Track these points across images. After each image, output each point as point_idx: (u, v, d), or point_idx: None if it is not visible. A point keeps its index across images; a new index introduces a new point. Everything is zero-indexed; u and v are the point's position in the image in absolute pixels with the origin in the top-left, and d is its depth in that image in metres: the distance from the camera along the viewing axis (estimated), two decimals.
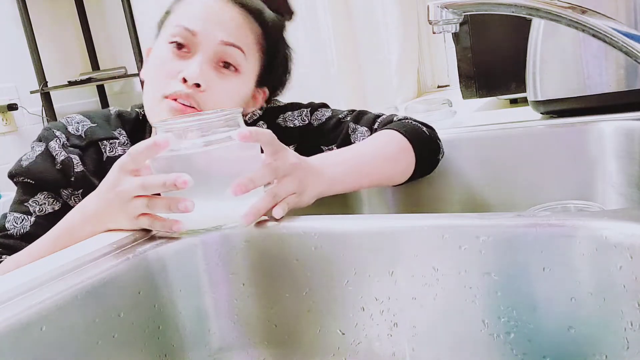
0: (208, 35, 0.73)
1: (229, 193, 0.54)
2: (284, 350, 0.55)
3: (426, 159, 0.81)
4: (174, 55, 0.74)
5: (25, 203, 0.74)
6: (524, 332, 0.45)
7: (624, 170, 0.80)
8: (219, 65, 0.75)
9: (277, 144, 0.59)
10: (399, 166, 0.77)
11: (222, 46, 0.74)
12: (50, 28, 2.68)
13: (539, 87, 0.89)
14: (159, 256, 0.53)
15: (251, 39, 0.77)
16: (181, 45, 0.74)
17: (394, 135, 0.77)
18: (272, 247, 0.55)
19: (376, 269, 0.50)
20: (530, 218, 0.46)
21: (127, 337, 0.49)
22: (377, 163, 0.74)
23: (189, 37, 0.74)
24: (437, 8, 0.64)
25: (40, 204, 0.74)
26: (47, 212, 0.74)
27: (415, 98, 1.71)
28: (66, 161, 0.74)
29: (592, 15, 0.58)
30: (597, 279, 0.42)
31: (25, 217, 0.73)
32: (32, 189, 0.75)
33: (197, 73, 0.72)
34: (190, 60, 0.73)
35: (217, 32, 0.74)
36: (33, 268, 0.50)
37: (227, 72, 0.75)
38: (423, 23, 1.75)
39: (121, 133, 0.80)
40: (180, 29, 0.74)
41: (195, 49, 0.74)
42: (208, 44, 0.73)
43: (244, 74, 0.77)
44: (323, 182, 0.65)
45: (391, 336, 0.50)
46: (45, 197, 0.75)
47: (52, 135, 0.76)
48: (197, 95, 0.72)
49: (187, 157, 0.54)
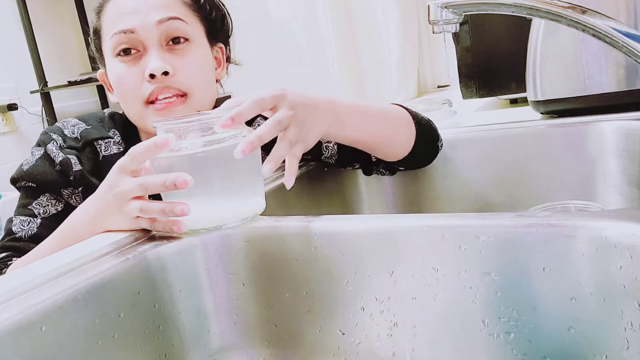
0: (145, 23, 0.74)
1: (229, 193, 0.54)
2: (284, 350, 0.55)
3: (425, 141, 0.81)
4: (129, 65, 0.75)
5: (29, 206, 0.76)
6: (524, 332, 0.45)
7: (624, 170, 0.80)
8: (170, 45, 0.75)
9: (268, 101, 0.58)
10: (401, 133, 0.78)
11: (162, 25, 0.74)
12: (50, 28, 2.68)
13: (539, 87, 0.89)
14: (158, 256, 0.53)
15: (180, 4, 0.78)
16: (128, 50, 0.75)
17: (397, 107, 0.79)
18: (272, 247, 0.55)
19: (376, 269, 0.50)
20: (530, 218, 0.46)
21: (127, 337, 0.49)
22: (381, 119, 0.75)
23: (130, 37, 0.74)
24: (437, 8, 0.64)
25: (44, 206, 0.76)
26: (51, 213, 0.76)
27: (415, 98, 1.70)
28: (64, 162, 0.76)
29: (592, 15, 0.58)
30: (597, 279, 0.42)
31: (31, 220, 0.75)
32: (34, 192, 0.77)
33: (159, 64, 0.72)
34: (145, 58, 0.74)
35: (150, 15, 0.74)
36: (33, 268, 0.50)
37: (181, 46, 0.76)
38: (423, 23, 1.75)
39: (115, 133, 0.81)
40: (118, 36, 0.74)
41: (142, 45, 0.74)
42: (149, 31, 0.74)
43: (194, 40, 0.78)
44: (327, 119, 0.65)
45: (391, 336, 0.50)
46: (48, 198, 0.77)
47: (49, 138, 0.78)
48: (172, 82, 0.74)
49: (187, 157, 0.54)
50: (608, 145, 0.81)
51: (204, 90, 0.78)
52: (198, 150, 0.54)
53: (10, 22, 2.51)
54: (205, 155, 0.54)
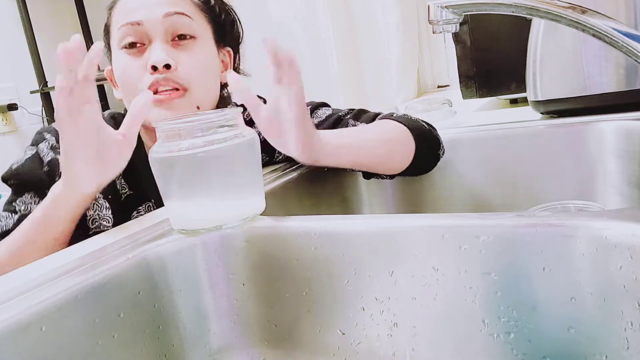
0: (151, 17, 0.74)
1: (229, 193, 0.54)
2: (284, 350, 0.55)
3: (426, 152, 0.81)
4: (133, 58, 0.75)
5: (13, 203, 0.77)
6: (524, 332, 0.45)
7: (624, 170, 0.80)
8: (175, 41, 0.76)
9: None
10: (398, 150, 0.78)
11: (168, 19, 0.75)
12: (50, 28, 2.68)
13: (539, 87, 0.89)
14: (158, 256, 0.53)
15: (188, 2, 0.78)
16: (134, 44, 0.75)
17: (395, 124, 0.78)
18: (272, 247, 0.55)
19: (376, 269, 0.50)
20: (530, 218, 0.46)
21: (127, 337, 0.49)
22: (376, 144, 0.75)
23: (136, 30, 0.74)
24: (437, 8, 0.64)
25: (27, 204, 0.77)
26: (30, 211, 0.76)
27: (415, 98, 1.71)
28: (53, 162, 0.77)
29: (592, 15, 0.58)
30: (597, 279, 0.42)
31: (9, 216, 0.76)
32: (20, 190, 0.78)
33: (162, 56, 0.73)
34: (149, 50, 0.74)
35: (157, 9, 0.74)
36: (33, 268, 0.50)
37: (186, 42, 0.76)
38: (423, 23, 1.75)
39: None
40: (126, 27, 0.75)
41: (147, 38, 0.75)
42: (155, 24, 0.74)
43: (200, 37, 0.78)
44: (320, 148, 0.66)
45: (391, 336, 0.50)
46: (32, 196, 0.77)
47: (42, 138, 0.79)
48: (173, 75, 0.74)
49: (187, 157, 0.54)
50: (608, 145, 0.81)
51: (204, 88, 0.78)
52: (198, 150, 0.54)
53: (10, 22, 2.51)
54: (205, 155, 0.54)
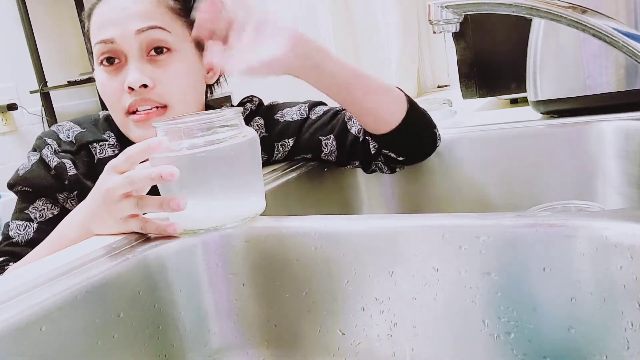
0: (124, 34, 0.72)
1: (229, 193, 0.54)
2: (284, 350, 0.55)
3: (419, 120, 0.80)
4: (111, 75, 0.75)
5: (25, 210, 0.76)
6: (524, 332, 0.45)
7: (624, 170, 0.80)
8: (151, 55, 0.74)
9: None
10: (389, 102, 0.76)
11: (142, 35, 0.73)
12: (50, 28, 2.68)
13: (539, 87, 0.89)
14: (158, 256, 0.53)
15: (164, 11, 0.75)
16: (111, 59, 0.74)
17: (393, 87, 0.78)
18: (272, 247, 0.55)
19: (376, 269, 0.50)
20: (530, 218, 0.46)
21: (127, 337, 0.49)
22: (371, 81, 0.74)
23: (110, 47, 0.73)
24: (437, 8, 0.64)
25: (40, 210, 0.76)
26: (47, 218, 0.76)
27: (416, 98, 1.70)
28: (59, 166, 0.76)
29: (592, 15, 0.58)
30: (597, 279, 0.42)
31: (27, 224, 0.75)
32: (30, 197, 0.77)
33: (137, 77, 0.72)
34: (126, 68, 0.73)
35: (130, 25, 0.72)
36: (33, 268, 0.50)
37: (163, 57, 0.74)
38: (423, 23, 1.75)
39: (110, 135, 0.81)
40: (100, 45, 0.74)
41: (123, 55, 0.74)
42: (129, 41, 0.73)
43: (178, 50, 0.75)
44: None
45: (391, 336, 0.50)
46: (44, 203, 0.77)
47: (44, 143, 0.78)
48: (151, 94, 0.73)
49: (187, 157, 0.54)
50: (608, 145, 0.81)
51: (185, 101, 0.77)
52: (198, 150, 0.54)
53: (10, 22, 2.52)
54: (205, 155, 0.54)
